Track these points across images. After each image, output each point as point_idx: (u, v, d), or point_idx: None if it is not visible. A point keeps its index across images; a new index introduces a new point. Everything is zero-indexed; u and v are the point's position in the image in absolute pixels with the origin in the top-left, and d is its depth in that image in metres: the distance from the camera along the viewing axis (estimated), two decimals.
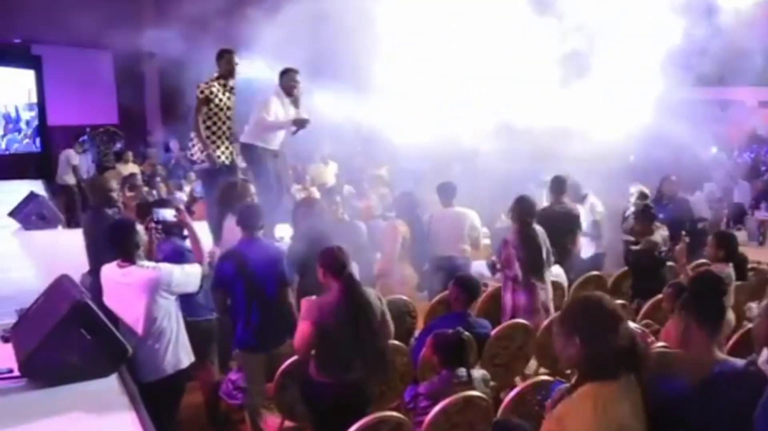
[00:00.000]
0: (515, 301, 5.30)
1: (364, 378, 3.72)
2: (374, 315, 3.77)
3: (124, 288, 3.69)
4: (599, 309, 2.26)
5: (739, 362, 2.46)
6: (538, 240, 5.32)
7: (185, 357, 3.91)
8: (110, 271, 3.78)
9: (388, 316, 3.93)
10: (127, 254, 3.74)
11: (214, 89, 6.19)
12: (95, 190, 5.16)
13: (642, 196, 7.36)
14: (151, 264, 3.78)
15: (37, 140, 15.18)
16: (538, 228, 5.45)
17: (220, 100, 6.25)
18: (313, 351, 3.75)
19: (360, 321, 3.66)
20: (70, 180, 10.99)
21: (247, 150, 6.46)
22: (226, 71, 6.29)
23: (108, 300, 3.76)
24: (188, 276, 3.85)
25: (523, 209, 5.35)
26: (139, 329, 3.69)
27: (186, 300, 4.26)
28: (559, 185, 6.66)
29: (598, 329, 2.22)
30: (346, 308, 3.64)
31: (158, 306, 3.72)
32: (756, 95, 15.58)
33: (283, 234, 6.30)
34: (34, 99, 14.99)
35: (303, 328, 3.68)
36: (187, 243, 4.36)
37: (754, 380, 2.36)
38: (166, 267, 3.78)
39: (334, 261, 3.72)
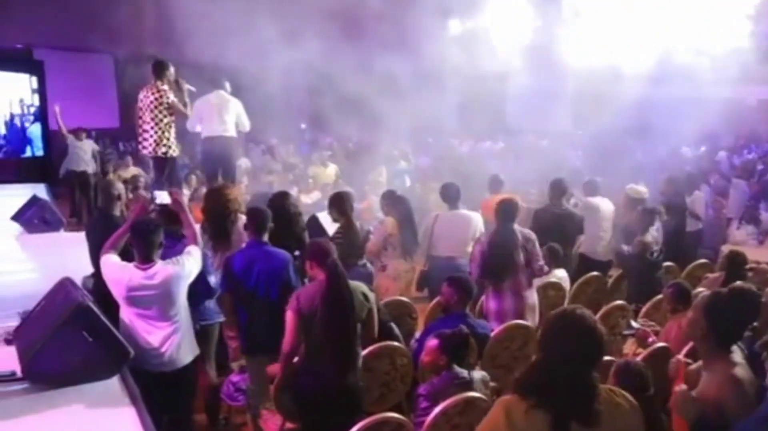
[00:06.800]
0: (487, 305, 5.26)
1: (343, 374, 3.67)
2: (353, 307, 3.68)
3: (152, 289, 3.74)
4: (586, 347, 2.14)
5: None
6: (508, 244, 5.13)
7: (196, 344, 4.09)
8: (130, 273, 3.75)
9: (376, 315, 3.88)
10: (150, 255, 3.79)
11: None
12: (102, 193, 5.22)
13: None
14: (166, 260, 3.86)
15: (40, 144, 15.20)
16: (525, 231, 5.34)
17: None
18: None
19: (339, 309, 3.61)
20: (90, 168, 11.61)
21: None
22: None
23: (129, 303, 3.76)
24: (195, 259, 3.97)
25: (503, 211, 5.21)
26: (168, 323, 3.81)
27: (198, 304, 4.31)
28: (559, 187, 6.66)
29: (568, 369, 2.12)
30: (328, 293, 3.60)
31: (184, 298, 3.89)
32: (756, 93, 15.46)
33: None
34: (37, 103, 15.00)
35: (288, 317, 3.69)
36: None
37: None
38: (181, 260, 3.88)
39: (318, 251, 3.77)
